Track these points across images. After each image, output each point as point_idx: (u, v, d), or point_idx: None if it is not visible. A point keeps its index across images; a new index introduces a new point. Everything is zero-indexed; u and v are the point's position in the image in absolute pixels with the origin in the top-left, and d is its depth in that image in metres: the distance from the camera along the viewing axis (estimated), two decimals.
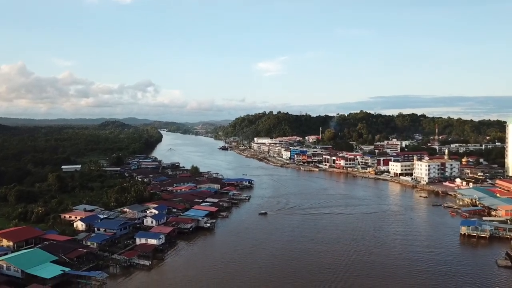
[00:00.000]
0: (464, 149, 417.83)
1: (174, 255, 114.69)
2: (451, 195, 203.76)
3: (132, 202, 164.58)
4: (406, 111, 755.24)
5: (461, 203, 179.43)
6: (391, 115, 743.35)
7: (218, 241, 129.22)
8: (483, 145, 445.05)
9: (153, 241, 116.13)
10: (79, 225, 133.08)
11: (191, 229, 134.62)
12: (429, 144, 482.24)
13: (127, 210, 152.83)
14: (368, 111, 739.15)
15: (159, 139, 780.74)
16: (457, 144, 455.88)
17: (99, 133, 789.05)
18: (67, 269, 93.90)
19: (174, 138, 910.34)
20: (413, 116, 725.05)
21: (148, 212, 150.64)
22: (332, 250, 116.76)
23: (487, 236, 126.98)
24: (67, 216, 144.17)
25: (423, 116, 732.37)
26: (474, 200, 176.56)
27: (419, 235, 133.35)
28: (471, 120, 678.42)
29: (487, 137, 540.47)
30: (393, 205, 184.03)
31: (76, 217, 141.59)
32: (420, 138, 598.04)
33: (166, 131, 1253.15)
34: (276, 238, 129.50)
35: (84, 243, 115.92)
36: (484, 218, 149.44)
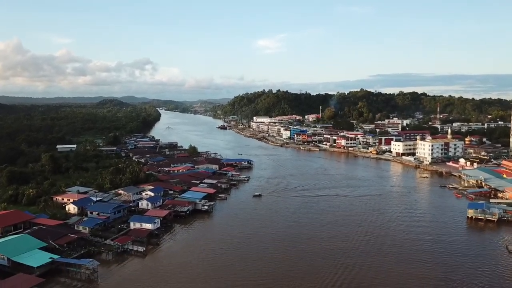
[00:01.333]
0: (467, 128, 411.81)
1: (170, 240, 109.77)
2: (455, 175, 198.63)
3: (127, 183, 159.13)
4: (407, 89, 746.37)
5: (466, 185, 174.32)
6: (391, 93, 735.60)
7: (216, 225, 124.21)
8: (485, 124, 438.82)
9: (148, 226, 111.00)
10: (71, 208, 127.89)
11: (188, 212, 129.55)
12: (430, 123, 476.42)
13: (122, 192, 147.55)
14: (368, 90, 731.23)
15: (157, 118, 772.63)
16: (458, 123, 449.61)
17: (97, 111, 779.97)
18: (56, 257, 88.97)
19: (172, 117, 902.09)
20: (413, 94, 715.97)
21: (143, 194, 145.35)
22: (335, 235, 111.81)
23: (496, 219, 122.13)
24: (60, 198, 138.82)
25: (424, 94, 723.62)
26: (479, 181, 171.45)
27: (425, 219, 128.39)
28: (473, 99, 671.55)
29: (489, 116, 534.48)
30: (397, 187, 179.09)
31: (68, 200, 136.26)
32: (421, 117, 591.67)
33: (165, 110, 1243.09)
34: (276, 222, 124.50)
35: (75, 227, 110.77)
36: (491, 200, 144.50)
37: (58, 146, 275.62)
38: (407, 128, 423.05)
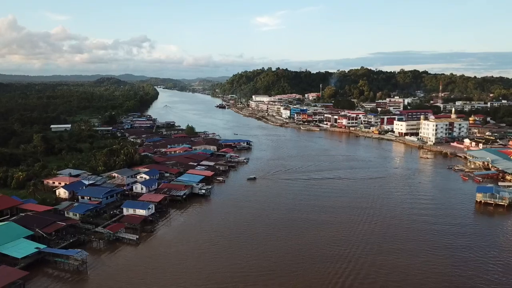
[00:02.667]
0: (470, 107, 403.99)
1: (165, 227, 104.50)
2: (460, 157, 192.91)
3: (121, 166, 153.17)
4: (407, 67, 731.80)
5: (472, 166, 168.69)
6: (392, 71, 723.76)
7: (214, 210, 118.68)
8: (488, 103, 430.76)
9: (142, 212, 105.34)
10: (62, 192, 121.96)
11: (184, 196, 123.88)
12: (431, 102, 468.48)
13: (116, 175, 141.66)
14: (368, 68, 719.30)
15: (155, 96, 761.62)
16: (461, 102, 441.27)
17: (94, 90, 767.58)
18: (42, 246, 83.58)
19: (170, 95, 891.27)
20: (414, 72, 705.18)
21: (138, 177, 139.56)
22: (338, 221, 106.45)
23: (506, 204, 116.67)
24: (50, 182, 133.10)
25: (425, 72, 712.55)
26: (486, 163, 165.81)
27: (431, 204, 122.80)
28: (475, 77, 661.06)
29: (491, 94, 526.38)
30: (400, 168, 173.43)
31: (60, 183, 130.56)
32: (422, 95, 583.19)
33: (163, 88, 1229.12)
34: (277, 206, 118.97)
35: (65, 214, 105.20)
36: (500, 183, 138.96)
37: (52, 126, 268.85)
38: (409, 107, 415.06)
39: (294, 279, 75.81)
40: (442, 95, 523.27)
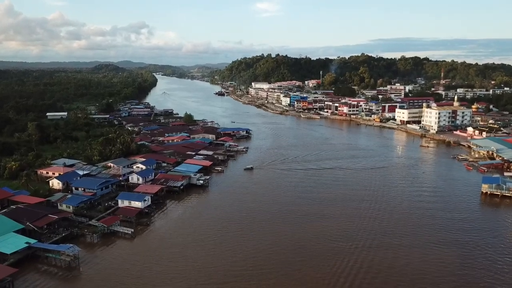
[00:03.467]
0: (472, 94, 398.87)
1: (161, 219, 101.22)
2: (463, 145, 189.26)
3: (117, 155, 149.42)
4: (408, 54, 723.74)
5: (476, 156, 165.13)
6: (393, 58, 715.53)
7: (212, 202, 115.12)
8: (491, 90, 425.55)
9: (138, 204, 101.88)
10: (56, 183, 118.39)
11: (181, 187, 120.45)
12: (433, 89, 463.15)
13: (111, 165, 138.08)
14: (369, 54, 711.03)
15: (153, 83, 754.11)
16: (462, 90, 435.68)
17: (92, 77, 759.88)
18: (33, 241, 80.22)
19: (169, 82, 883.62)
20: (415, 59, 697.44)
21: (134, 167, 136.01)
22: (341, 214, 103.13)
23: None
24: (44, 172, 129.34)
25: (426, 59, 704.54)
26: (491, 152, 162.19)
27: (436, 194, 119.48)
28: (476, 64, 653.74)
29: (492, 82, 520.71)
30: (403, 158, 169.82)
31: (54, 174, 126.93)
32: (423, 82, 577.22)
33: (162, 75, 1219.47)
34: (276, 199, 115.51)
35: (58, 206, 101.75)
36: (505, 173, 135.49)
37: (48, 114, 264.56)
38: (410, 95, 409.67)
39: (295, 276, 72.66)
40: (444, 82, 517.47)
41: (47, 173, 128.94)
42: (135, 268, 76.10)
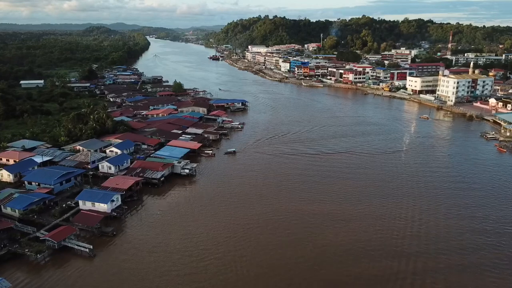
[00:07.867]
0: (484, 59, 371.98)
1: (134, 225, 79.96)
2: (488, 120, 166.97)
3: (89, 135, 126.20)
4: (410, 16, 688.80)
5: (508, 134, 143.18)
6: (395, 20, 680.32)
7: (199, 197, 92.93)
8: (503, 55, 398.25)
9: (103, 206, 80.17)
10: (5, 175, 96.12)
11: (162, 179, 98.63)
12: (440, 54, 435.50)
13: (80, 148, 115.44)
14: (370, 16, 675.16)
15: (145, 47, 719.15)
16: (472, 54, 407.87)
17: (81, 39, 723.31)
18: None
19: (162, 45, 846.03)
20: (419, 21, 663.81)
21: (107, 151, 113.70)
22: (353, 214, 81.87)
23: None
24: None
25: (430, 21, 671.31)
26: None
27: (470, 187, 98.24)
28: (484, 27, 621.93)
29: (501, 46, 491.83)
30: (421, 137, 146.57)
31: (7, 160, 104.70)
32: (427, 46, 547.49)
33: (155, 38, 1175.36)
34: (277, 194, 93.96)
35: (2, 209, 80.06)
36: None
37: (22, 82, 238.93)
38: (418, 60, 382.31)
39: None
40: (450, 46, 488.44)
41: (1, 159, 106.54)
42: None
